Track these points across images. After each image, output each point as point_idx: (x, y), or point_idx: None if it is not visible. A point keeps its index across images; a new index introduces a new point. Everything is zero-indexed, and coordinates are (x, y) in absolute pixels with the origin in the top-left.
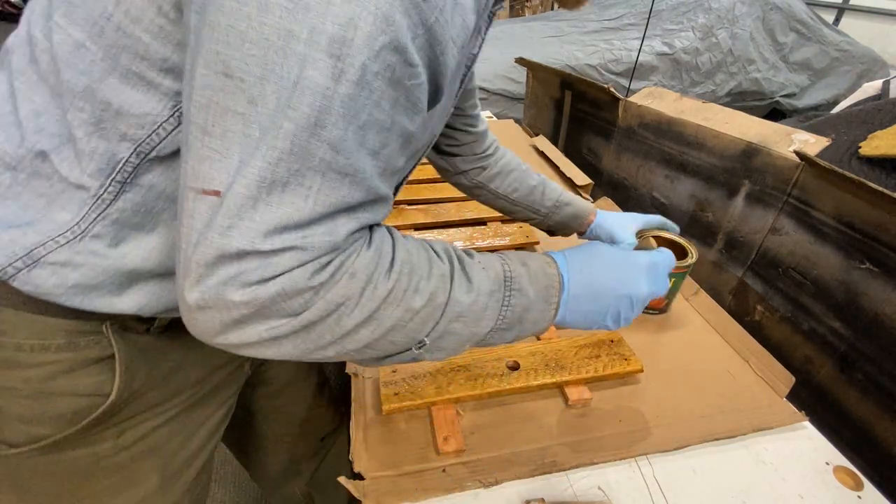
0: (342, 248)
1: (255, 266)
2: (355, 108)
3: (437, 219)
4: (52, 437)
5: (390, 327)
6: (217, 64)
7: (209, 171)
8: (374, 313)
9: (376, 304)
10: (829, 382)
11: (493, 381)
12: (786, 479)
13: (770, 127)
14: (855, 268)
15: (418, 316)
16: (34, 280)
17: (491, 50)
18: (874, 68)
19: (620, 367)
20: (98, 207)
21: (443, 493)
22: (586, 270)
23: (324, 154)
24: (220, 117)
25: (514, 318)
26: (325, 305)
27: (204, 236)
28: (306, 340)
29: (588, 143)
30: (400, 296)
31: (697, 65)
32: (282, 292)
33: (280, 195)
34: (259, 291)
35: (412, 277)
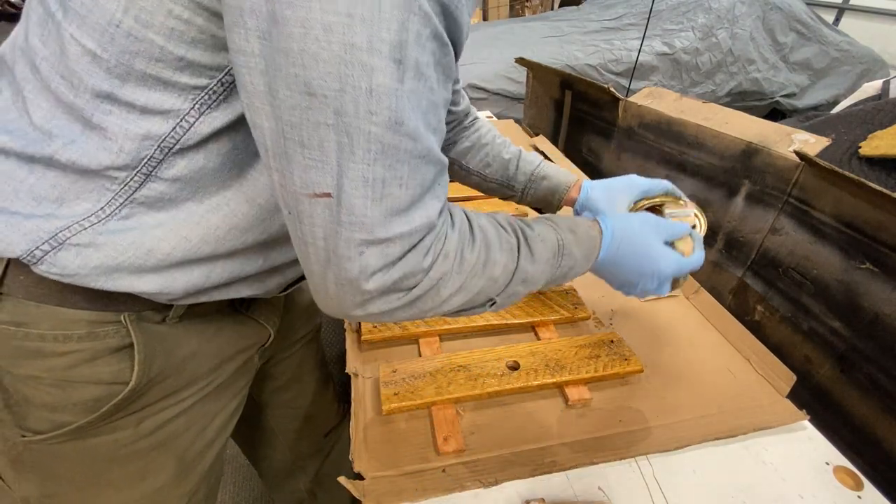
0: (437, 231)
1: (375, 255)
2: (418, 98)
3: None
4: (74, 424)
5: (476, 292)
6: (299, 85)
7: (315, 178)
8: (463, 283)
9: (465, 276)
10: (829, 382)
11: (493, 381)
12: (786, 479)
13: (770, 127)
14: (855, 268)
15: (495, 283)
16: (60, 262)
17: (491, 50)
18: (874, 68)
19: (620, 367)
20: (122, 195)
21: (443, 493)
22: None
23: (406, 145)
24: (314, 131)
25: (562, 274)
26: (428, 283)
27: (334, 231)
28: (413, 308)
29: (588, 143)
30: (481, 268)
31: (697, 65)
32: (403, 276)
33: (382, 189)
34: (385, 277)
35: (489, 251)
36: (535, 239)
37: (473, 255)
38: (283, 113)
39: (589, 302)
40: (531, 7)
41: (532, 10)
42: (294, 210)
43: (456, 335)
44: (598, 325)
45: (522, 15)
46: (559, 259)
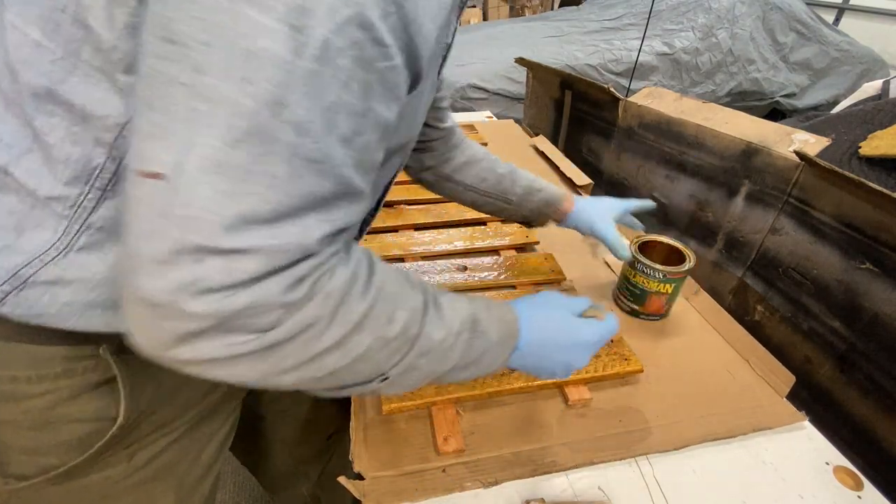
0: (318, 260)
1: (217, 268)
2: (320, 87)
3: (437, 219)
4: (62, 467)
5: (359, 356)
6: (160, 28)
7: (153, 151)
8: (344, 338)
9: (348, 328)
10: (829, 382)
11: (493, 381)
12: (786, 479)
13: (770, 127)
14: (855, 268)
15: (388, 347)
16: (25, 302)
17: (491, 50)
18: (874, 68)
19: (620, 367)
20: (79, 217)
21: (443, 493)
22: (538, 329)
23: (288, 137)
24: (164, 88)
25: (473, 359)
26: (293, 326)
27: (156, 226)
28: (266, 362)
29: (588, 143)
30: (373, 322)
31: (697, 65)
32: (251, 306)
33: (242, 182)
34: (224, 302)
35: (387, 304)
36: (445, 304)
37: (363, 304)
38: (140, 63)
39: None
40: (531, 7)
41: (532, 10)
42: (125, 194)
43: None
44: None
45: (522, 15)
46: (472, 337)
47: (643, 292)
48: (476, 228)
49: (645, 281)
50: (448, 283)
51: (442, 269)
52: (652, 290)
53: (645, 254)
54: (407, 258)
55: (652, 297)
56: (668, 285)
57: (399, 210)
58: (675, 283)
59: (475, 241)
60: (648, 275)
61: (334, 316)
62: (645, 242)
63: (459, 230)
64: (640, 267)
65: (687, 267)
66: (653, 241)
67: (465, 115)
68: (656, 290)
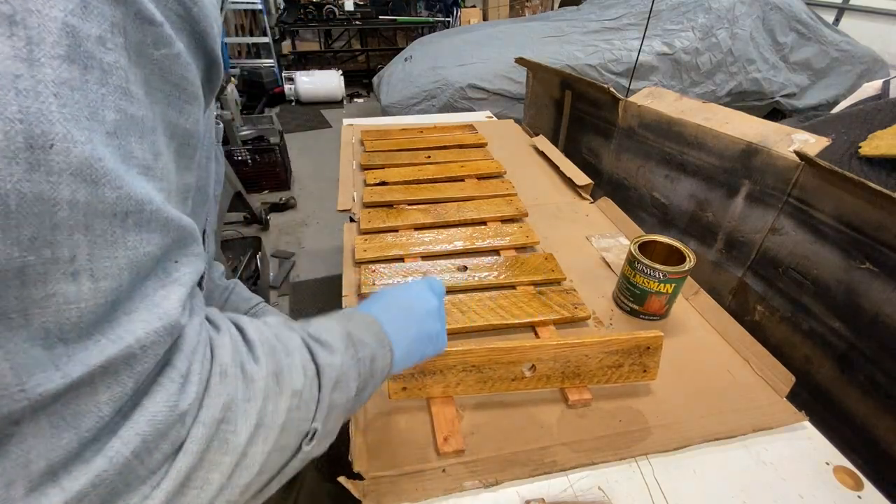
0: (190, 337)
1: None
2: (91, 103)
3: (437, 219)
4: None
5: (281, 426)
6: None
7: None
8: (261, 414)
9: (260, 401)
10: (829, 382)
11: (503, 384)
12: (786, 479)
13: (770, 127)
14: (855, 268)
15: (302, 399)
16: None
17: (491, 50)
18: (874, 68)
19: (636, 377)
20: None
21: (443, 493)
22: (387, 308)
23: (72, 193)
24: None
25: (367, 371)
26: (205, 431)
27: None
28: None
29: (588, 143)
30: (275, 383)
31: (697, 65)
32: (145, 437)
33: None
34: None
35: (276, 355)
36: (318, 330)
37: (261, 367)
38: None
39: (589, 302)
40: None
41: (532, 10)
42: None
43: (458, 334)
44: (597, 324)
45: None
46: (355, 348)
47: (643, 292)
48: (476, 228)
49: (645, 281)
50: (448, 283)
51: (442, 269)
52: (652, 290)
53: (645, 254)
54: (407, 258)
55: (652, 297)
56: (668, 285)
57: (399, 210)
58: (675, 283)
59: (475, 241)
60: (648, 275)
61: (243, 393)
62: (645, 242)
63: (459, 230)
64: (640, 267)
65: (687, 267)
66: (653, 241)
67: (465, 115)
68: (656, 290)
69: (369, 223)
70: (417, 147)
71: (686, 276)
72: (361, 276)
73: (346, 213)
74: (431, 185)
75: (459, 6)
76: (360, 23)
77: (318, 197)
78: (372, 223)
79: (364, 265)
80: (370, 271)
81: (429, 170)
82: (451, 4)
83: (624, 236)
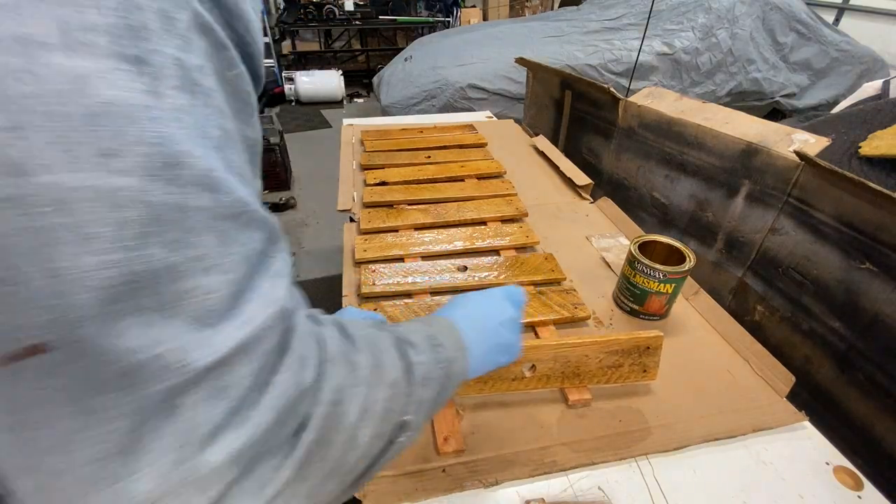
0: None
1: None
2: (201, 123)
3: (437, 219)
4: None
5: (381, 414)
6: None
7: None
8: (367, 398)
9: (365, 387)
10: (829, 382)
11: (503, 384)
12: (786, 479)
13: (770, 127)
14: (855, 268)
15: (397, 391)
16: None
17: (491, 50)
18: (874, 68)
19: (636, 377)
20: None
21: (443, 493)
22: (466, 316)
23: (199, 200)
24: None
25: (445, 374)
26: (325, 410)
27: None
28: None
29: (588, 143)
30: (376, 372)
31: (697, 65)
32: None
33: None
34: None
35: (374, 349)
36: (405, 331)
37: (362, 356)
38: None
39: (589, 302)
40: (531, 7)
41: (532, 10)
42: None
43: None
44: (597, 324)
45: (522, 15)
46: (436, 350)
47: (643, 292)
48: (476, 228)
49: (645, 281)
50: (448, 284)
51: (442, 269)
52: (652, 290)
53: (645, 254)
54: (407, 258)
55: (652, 297)
56: (668, 285)
57: (399, 210)
58: (675, 283)
59: (475, 241)
60: (648, 275)
61: (351, 378)
62: (645, 242)
63: (459, 230)
64: (640, 267)
65: (687, 267)
66: (653, 241)
67: (465, 115)
68: (656, 290)
69: (369, 223)
70: (417, 147)
71: (686, 276)
72: (361, 276)
73: (346, 213)
74: (431, 185)
75: (459, 6)
76: (360, 23)
77: (318, 197)
78: (372, 223)
79: (364, 265)
80: (370, 271)
81: (429, 170)
82: (451, 4)
83: (624, 236)
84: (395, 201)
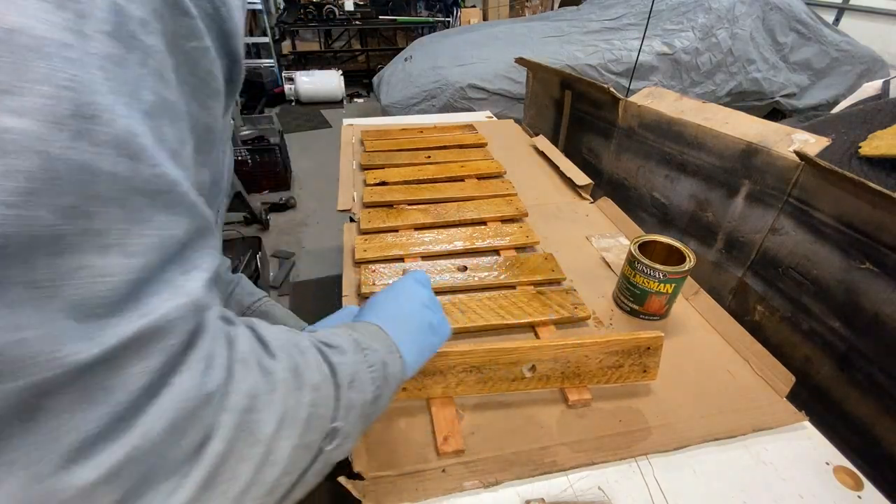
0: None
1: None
2: (131, 81)
3: (437, 219)
4: None
5: (305, 421)
6: None
7: None
8: (284, 407)
9: (282, 393)
10: (829, 382)
11: (503, 385)
12: (786, 479)
13: (770, 127)
14: (855, 268)
15: (321, 394)
16: None
17: (491, 50)
18: (874, 68)
19: (635, 377)
20: None
21: (443, 493)
22: (384, 315)
23: (113, 165)
24: None
25: (381, 376)
26: (233, 419)
27: None
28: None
29: (588, 143)
30: (294, 376)
31: (697, 65)
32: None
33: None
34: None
35: (290, 352)
36: (325, 335)
37: (279, 361)
38: None
39: (589, 302)
40: (531, 7)
41: (532, 10)
42: None
43: (458, 335)
44: (597, 324)
45: (522, 15)
46: (364, 354)
47: (643, 292)
48: (476, 228)
49: (645, 281)
50: (448, 284)
51: (442, 269)
52: (652, 290)
53: (645, 254)
54: (407, 258)
55: (652, 297)
56: (668, 285)
57: (399, 210)
58: (675, 283)
59: (475, 241)
60: (648, 275)
61: (265, 385)
62: (645, 242)
63: (459, 230)
64: (640, 267)
65: (687, 267)
66: (653, 241)
67: (465, 115)
68: (656, 290)
69: (369, 223)
70: (417, 147)
71: (686, 276)
72: (361, 276)
73: (346, 213)
74: (431, 185)
75: (459, 6)
76: (360, 23)
77: (318, 197)
78: (372, 223)
79: (364, 265)
80: (370, 271)
81: (429, 170)
82: (451, 4)
83: (624, 236)
84: (395, 201)
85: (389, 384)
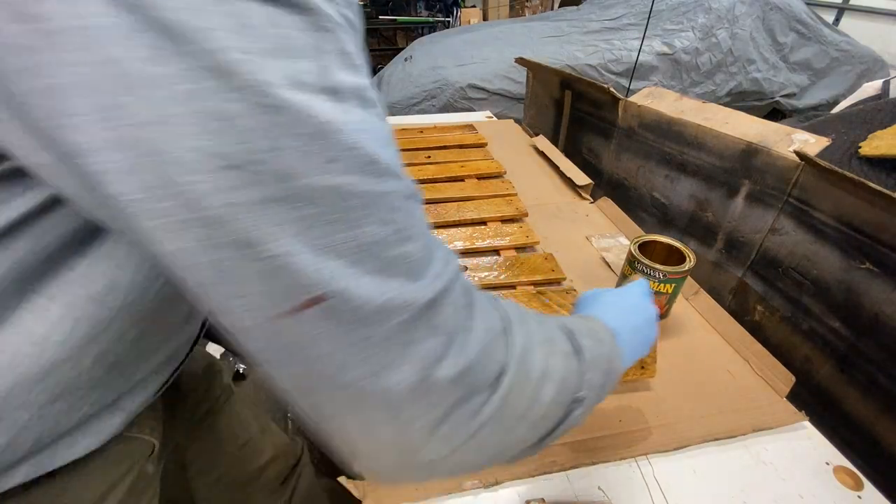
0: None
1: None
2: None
3: (437, 219)
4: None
5: (560, 380)
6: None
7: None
8: (545, 362)
9: (543, 352)
10: (829, 382)
11: None
12: (786, 479)
13: (770, 127)
14: (855, 268)
15: (570, 362)
16: None
17: (491, 50)
18: (874, 68)
19: (633, 374)
20: None
21: (443, 493)
22: (617, 318)
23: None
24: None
25: (606, 370)
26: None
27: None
28: (504, 419)
29: (588, 143)
30: (549, 342)
31: (697, 65)
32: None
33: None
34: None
35: (543, 324)
36: (566, 320)
37: (536, 327)
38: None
39: None
40: (531, 7)
41: (532, 10)
42: (270, 345)
43: None
44: None
45: (522, 15)
46: (600, 344)
47: None
48: (476, 228)
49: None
50: None
51: None
52: (652, 290)
53: (645, 254)
54: None
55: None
56: (668, 285)
57: None
58: (675, 283)
59: (475, 241)
60: (648, 275)
61: (529, 341)
62: (645, 242)
63: (459, 230)
64: (640, 267)
65: (687, 267)
66: (653, 241)
67: (465, 115)
68: (656, 290)
69: None
70: (417, 147)
71: (686, 276)
72: None
73: None
74: (431, 186)
75: (459, 6)
76: None
77: None
78: None
79: None
80: None
81: (429, 170)
82: (451, 4)
83: (624, 236)
84: None
85: (610, 380)
